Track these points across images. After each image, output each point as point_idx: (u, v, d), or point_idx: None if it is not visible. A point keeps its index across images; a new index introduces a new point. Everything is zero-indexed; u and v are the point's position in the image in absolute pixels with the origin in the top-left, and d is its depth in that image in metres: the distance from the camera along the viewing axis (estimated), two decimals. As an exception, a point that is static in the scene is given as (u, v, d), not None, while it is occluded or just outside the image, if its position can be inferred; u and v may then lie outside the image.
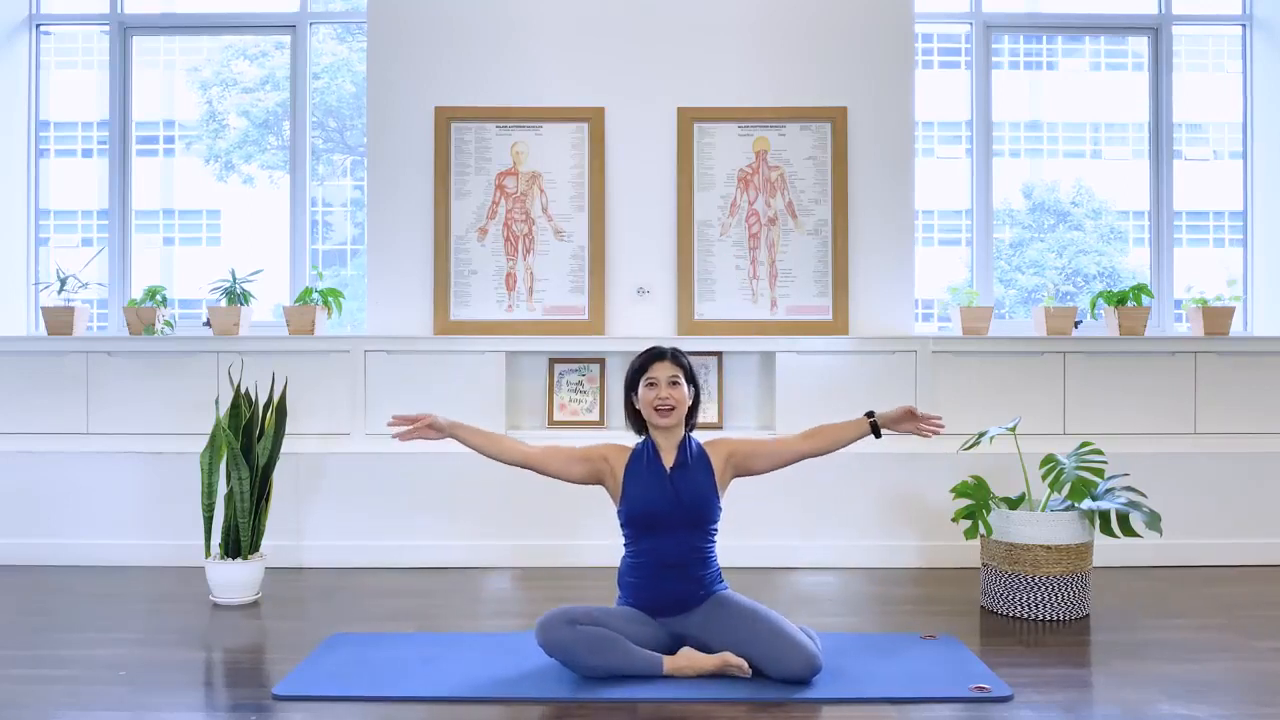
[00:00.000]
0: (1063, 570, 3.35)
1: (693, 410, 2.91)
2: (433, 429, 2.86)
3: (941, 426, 2.88)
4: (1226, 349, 4.30)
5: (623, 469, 2.86)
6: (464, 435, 2.89)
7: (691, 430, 2.94)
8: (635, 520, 2.82)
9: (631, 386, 2.90)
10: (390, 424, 2.88)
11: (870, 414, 2.88)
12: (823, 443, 2.89)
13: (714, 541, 2.88)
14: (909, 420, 2.87)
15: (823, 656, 2.69)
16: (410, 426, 2.85)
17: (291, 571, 4.02)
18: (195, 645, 3.09)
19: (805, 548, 4.13)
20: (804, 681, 2.63)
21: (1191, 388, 4.29)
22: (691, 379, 2.89)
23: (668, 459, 2.86)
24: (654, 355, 2.87)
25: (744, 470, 2.91)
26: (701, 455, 2.88)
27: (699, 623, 2.78)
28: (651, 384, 2.84)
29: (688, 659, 2.70)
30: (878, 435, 2.87)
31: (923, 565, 4.13)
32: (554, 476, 2.92)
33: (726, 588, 2.86)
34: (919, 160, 4.60)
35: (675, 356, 2.88)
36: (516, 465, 2.92)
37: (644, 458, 2.86)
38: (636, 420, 2.93)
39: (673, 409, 2.83)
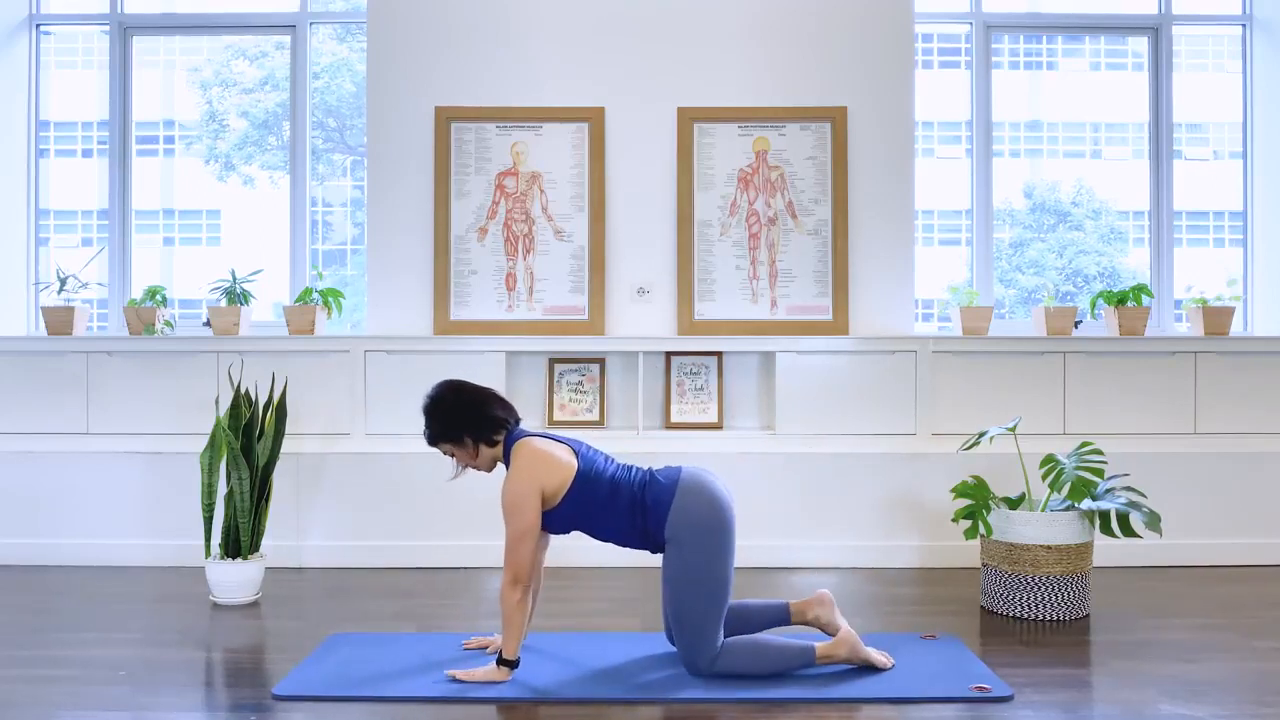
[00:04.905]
0: (1063, 570, 3.35)
1: (479, 442, 2.81)
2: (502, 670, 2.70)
3: None
4: (1226, 349, 4.30)
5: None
6: (518, 635, 2.70)
7: (506, 446, 2.81)
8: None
9: None
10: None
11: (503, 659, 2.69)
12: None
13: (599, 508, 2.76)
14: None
15: (708, 666, 2.66)
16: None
17: (291, 571, 4.02)
18: (195, 645, 3.09)
19: (805, 548, 4.13)
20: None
21: (1191, 388, 4.29)
22: (449, 436, 2.80)
23: None
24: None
25: None
26: None
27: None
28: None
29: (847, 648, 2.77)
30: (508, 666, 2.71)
31: (923, 565, 4.13)
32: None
33: (667, 527, 2.72)
34: (919, 160, 4.60)
35: (428, 439, 2.83)
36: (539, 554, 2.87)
37: None
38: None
39: (468, 465, 2.86)
